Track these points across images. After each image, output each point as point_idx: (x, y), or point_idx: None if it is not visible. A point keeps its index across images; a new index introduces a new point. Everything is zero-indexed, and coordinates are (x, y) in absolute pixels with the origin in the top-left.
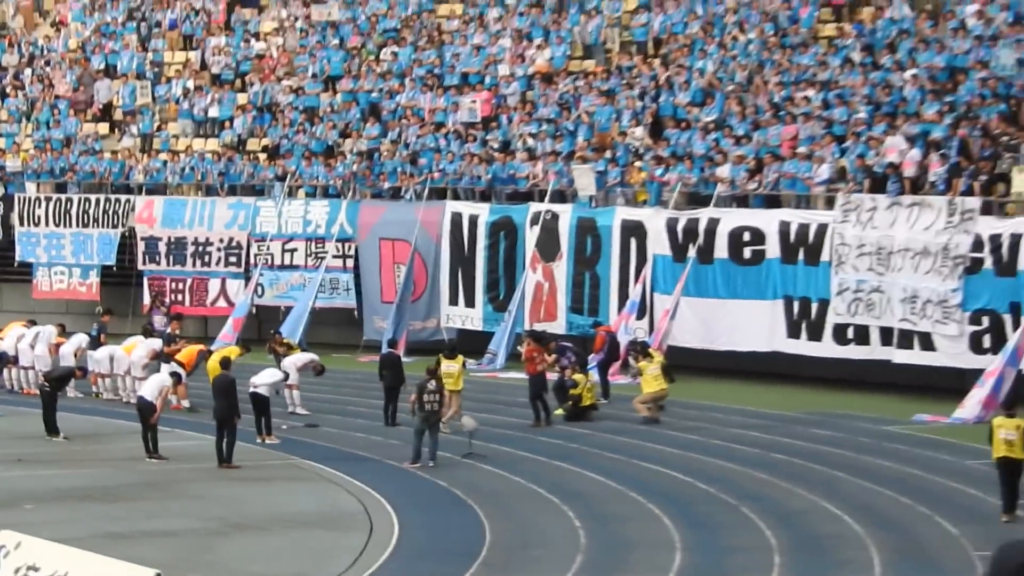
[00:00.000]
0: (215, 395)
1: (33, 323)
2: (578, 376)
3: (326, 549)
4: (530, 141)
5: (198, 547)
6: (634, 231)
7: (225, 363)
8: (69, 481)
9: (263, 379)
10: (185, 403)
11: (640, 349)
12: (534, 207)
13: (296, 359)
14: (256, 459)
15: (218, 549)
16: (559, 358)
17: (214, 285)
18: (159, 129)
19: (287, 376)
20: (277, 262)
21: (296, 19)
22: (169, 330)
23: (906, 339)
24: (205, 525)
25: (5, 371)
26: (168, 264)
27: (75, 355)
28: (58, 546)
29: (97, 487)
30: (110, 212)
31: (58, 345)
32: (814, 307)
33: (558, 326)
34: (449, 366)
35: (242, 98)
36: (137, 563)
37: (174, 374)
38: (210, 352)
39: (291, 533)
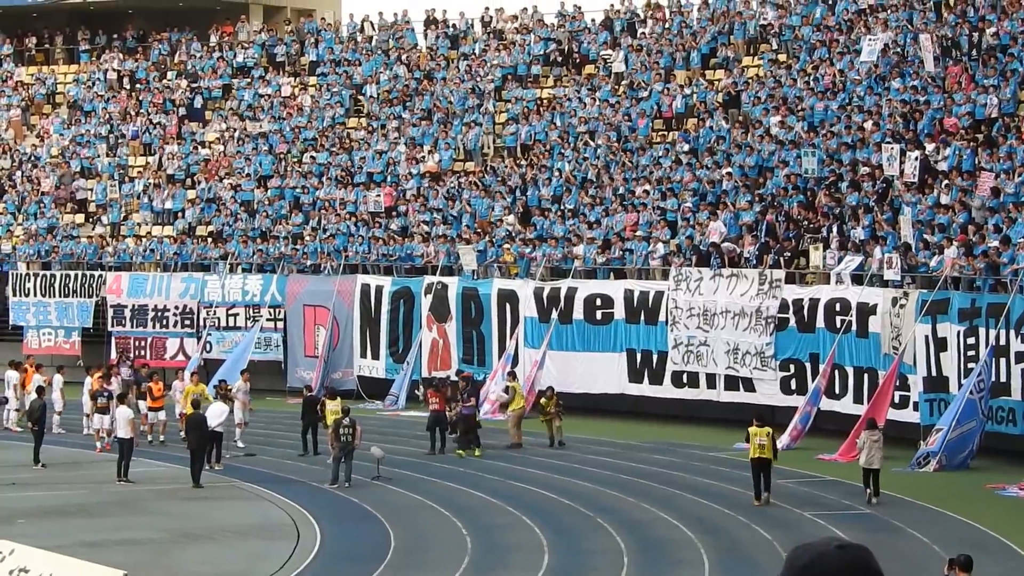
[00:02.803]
0: (188, 430)
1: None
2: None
3: (262, 554)
4: (424, 227)
5: (158, 553)
6: (508, 298)
7: (195, 404)
8: (53, 501)
9: (215, 417)
10: (161, 438)
11: (511, 377)
12: (428, 279)
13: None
14: (205, 481)
15: (174, 554)
16: (452, 400)
17: (172, 343)
18: (125, 219)
19: (230, 412)
20: (223, 324)
21: (235, 130)
22: (138, 373)
23: (732, 382)
24: (163, 535)
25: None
26: (132, 326)
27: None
28: (44, 552)
29: (76, 505)
30: (86, 285)
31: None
32: (655, 358)
33: (451, 373)
34: (332, 405)
35: (191, 194)
36: (108, 566)
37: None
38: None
39: (233, 541)
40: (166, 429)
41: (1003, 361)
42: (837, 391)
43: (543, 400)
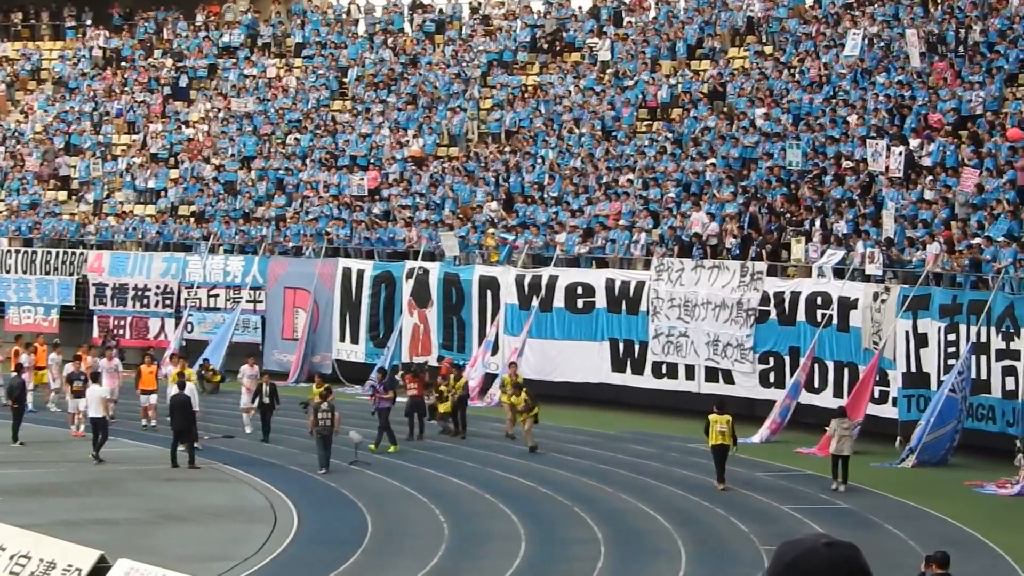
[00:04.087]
0: (172, 411)
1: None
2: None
3: (240, 536)
4: (406, 212)
5: (136, 534)
6: (489, 284)
7: (181, 384)
8: (31, 479)
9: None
10: (152, 422)
11: (512, 367)
12: (409, 264)
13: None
14: (182, 463)
15: (153, 535)
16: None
17: (154, 323)
18: (108, 197)
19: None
20: (203, 305)
21: (219, 111)
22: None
23: (711, 374)
24: (142, 516)
25: None
26: (113, 305)
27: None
28: (20, 530)
29: (54, 483)
30: (67, 263)
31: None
32: (636, 347)
33: (432, 359)
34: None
35: (174, 173)
36: (85, 545)
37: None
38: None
39: (212, 523)
40: (157, 413)
41: (983, 358)
42: (817, 385)
43: (506, 377)
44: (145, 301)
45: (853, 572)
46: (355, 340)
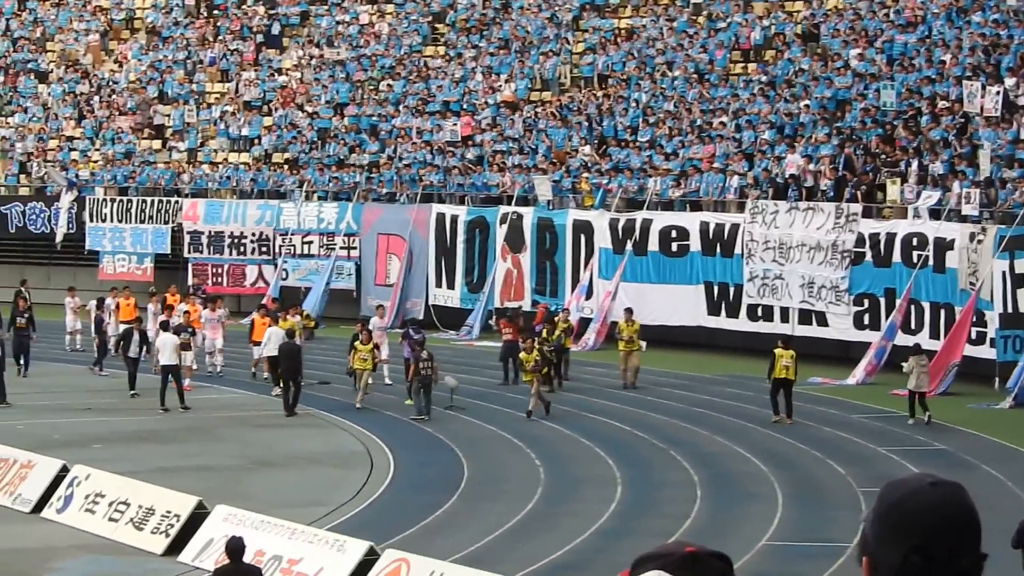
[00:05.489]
0: (282, 359)
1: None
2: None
3: (335, 482)
4: (499, 157)
5: (232, 480)
6: (583, 229)
7: (290, 333)
8: (128, 426)
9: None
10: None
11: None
12: (503, 209)
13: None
14: (278, 408)
15: (248, 481)
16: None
17: (251, 270)
18: (202, 145)
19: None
20: (298, 252)
21: (312, 58)
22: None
23: (805, 317)
24: (237, 462)
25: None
26: (209, 253)
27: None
28: (119, 477)
29: (150, 431)
30: (162, 211)
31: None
32: (731, 290)
33: (524, 304)
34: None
35: (268, 120)
36: (182, 492)
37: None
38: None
39: (307, 469)
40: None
41: None
42: (913, 326)
43: (622, 324)
44: (241, 249)
45: (959, 511)
46: (451, 286)
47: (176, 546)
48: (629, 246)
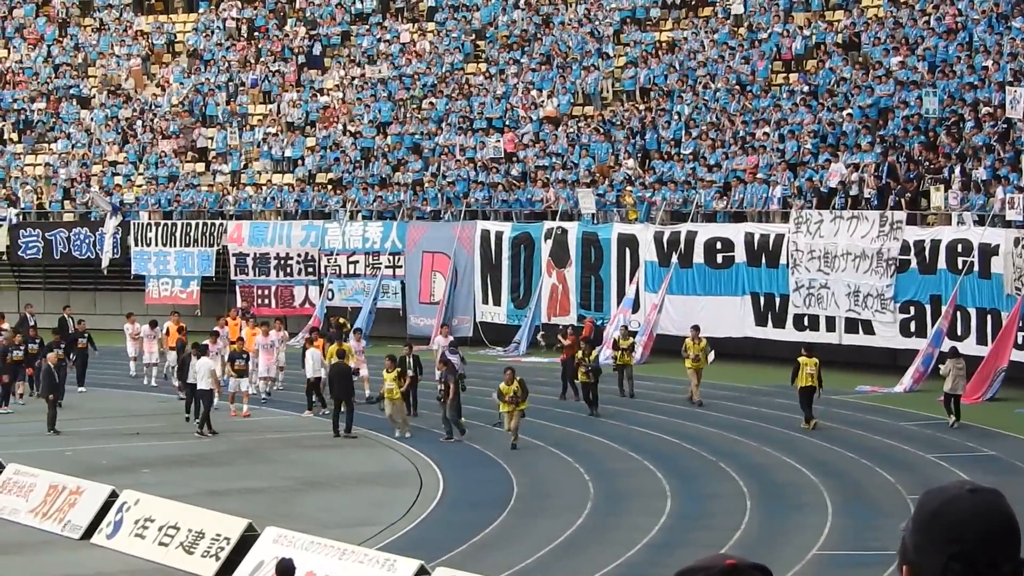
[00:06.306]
0: (332, 380)
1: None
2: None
3: (385, 501)
4: (543, 172)
5: (280, 501)
6: (628, 242)
7: (341, 354)
8: (176, 450)
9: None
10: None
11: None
12: (547, 224)
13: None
14: (326, 429)
15: (297, 502)
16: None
17: (299, 291)
18: (245, 167)
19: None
20: (344, 272)
21: (353, 78)
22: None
23: (852, 325)
24: (285, 483)
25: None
26: (255, 275)
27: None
28: (169, 501)
29: (198, 454)
30: (207, 234)
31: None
32: (777, 301)
33: (570, 319)
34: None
35: (311, 141)
36: (232, 515)
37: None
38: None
39: (356, 489)
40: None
41: None
42: (960, 332)
43: (689, 342)
44: (288, 270)
45: (999, 518)
46: (497, 302)
47: (227, 569)
48: (675, 259)
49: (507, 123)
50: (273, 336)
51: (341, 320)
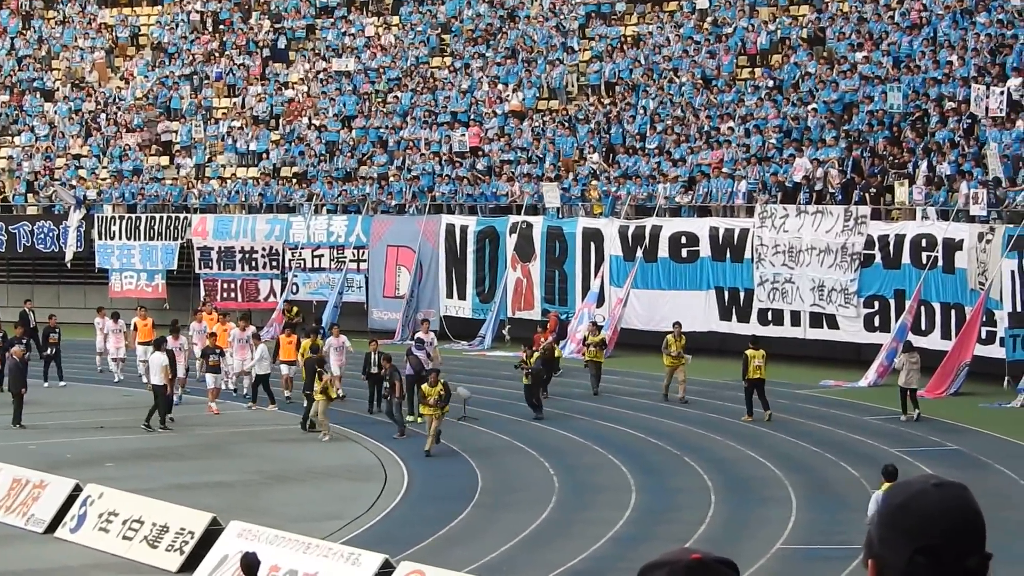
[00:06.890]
0: (306, 374)
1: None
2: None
3: (350, 495)
4: (508, 166)
5: (247, 495)
6: (593, 237)
7: (315, 348)
8: (141, 444)
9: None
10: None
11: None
12: (512, 219)
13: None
14: (291, 423)
15: (263, 496)
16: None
17: (264, 284)
18: (210, 160)
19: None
20: (308, 265)
21: (318, 71)
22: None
23: (816, 320)
24: (252, 477)
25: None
26: (220, 269)
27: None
28: (133, 495)
29: (164, 448)
30: (171, 228)
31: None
32: (741, 295)
33: (534, 314)
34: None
35: (275, 135)
36: (199, 509)
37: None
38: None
39: (321, 483)
40: (292, 384)
41: None
42: (924, 327)
43: (670, 338)
44: (253, 263)
45: (964, 512)
46: (462, 296)
47: (191, 563)
48: (639, 253)
49: (472, 117)
50: (250, 331)
51: (295, 309)
